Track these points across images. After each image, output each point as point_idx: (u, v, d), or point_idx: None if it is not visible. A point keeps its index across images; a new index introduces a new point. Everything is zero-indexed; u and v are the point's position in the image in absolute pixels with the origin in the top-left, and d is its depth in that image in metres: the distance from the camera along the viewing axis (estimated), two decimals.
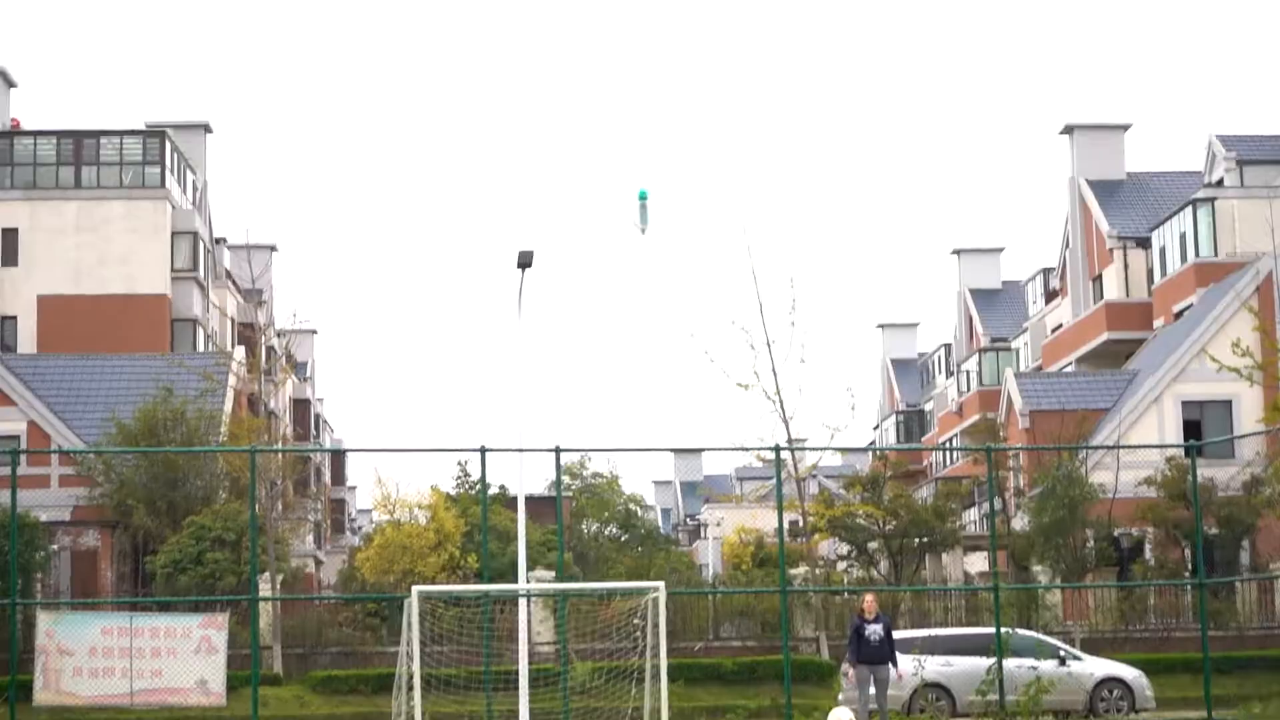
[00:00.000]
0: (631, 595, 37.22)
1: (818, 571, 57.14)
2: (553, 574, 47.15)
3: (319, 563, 78.24)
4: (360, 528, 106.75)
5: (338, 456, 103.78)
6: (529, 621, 40.25)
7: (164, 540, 53.29)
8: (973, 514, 76.72)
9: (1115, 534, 57.72)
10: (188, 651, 34.30)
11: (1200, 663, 39.79)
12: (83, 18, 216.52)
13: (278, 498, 54.15)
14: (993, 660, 36.85)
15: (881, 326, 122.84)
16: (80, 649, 33.99)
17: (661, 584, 34.69)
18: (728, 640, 52.29)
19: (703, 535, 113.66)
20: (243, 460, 52.17)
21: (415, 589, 33.26)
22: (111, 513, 56.72)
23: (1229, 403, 63.64)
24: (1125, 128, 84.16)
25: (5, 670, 42.44)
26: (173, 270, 75.74)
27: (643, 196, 11.05)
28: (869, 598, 31.79)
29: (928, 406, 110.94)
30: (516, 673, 38.29)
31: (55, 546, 55.04)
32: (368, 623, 51.98)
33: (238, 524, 51.10)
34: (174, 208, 76.60)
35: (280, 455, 56.25)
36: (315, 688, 47.74)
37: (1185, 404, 64.25)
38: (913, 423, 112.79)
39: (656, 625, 33.23)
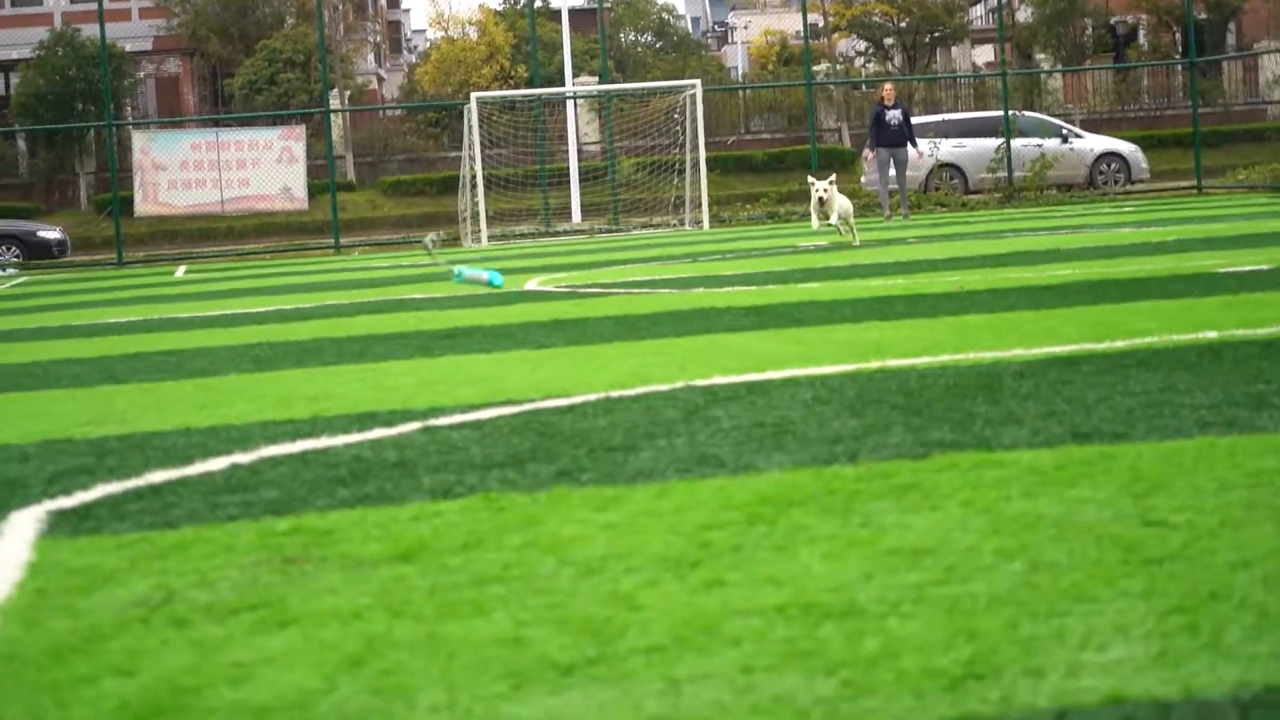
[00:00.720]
0: (669, 94, 37.04)
1: (838, 68, 56.73)
2: (596, 79, 46.92)
3: (381, 80, 77.90)
4: (416, 47, 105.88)
5: None
6: (576, 123, 40.22)
7: (239, 65, 53.08)
8: (979, 9, 75.59)
9: (1111, 21, 57.00)
10: (270, 161, 34.43)
11: (1190, 137, 39.70)
12: None
13: (340, 20, 53.62)
14: (1001, 140, 36.85)
15: None
16: (173, 164, 34.15)
17: (698, 81, 34.54)
18: (758, 134, 52.32)
19: (730, 40, 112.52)
20: None
21: (474, 95, 33.18)
22: (188, 41, 56.37)
23: None
24: None
25: (107, 188, 42.80)
26: None
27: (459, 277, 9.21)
28: (888, 86, 31.48)
29: None
30: (568, 170, 38.48)
31: (141, 74, 54.91)
32: (429, 132, 52.09)
33: (306, 45, 50.79)
34: None
35: None
36: (385, 192, 48.11)
37: None
38: None
39: (694, 120, 33.18)
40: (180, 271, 27.55)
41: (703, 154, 32.90)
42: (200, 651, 3.24)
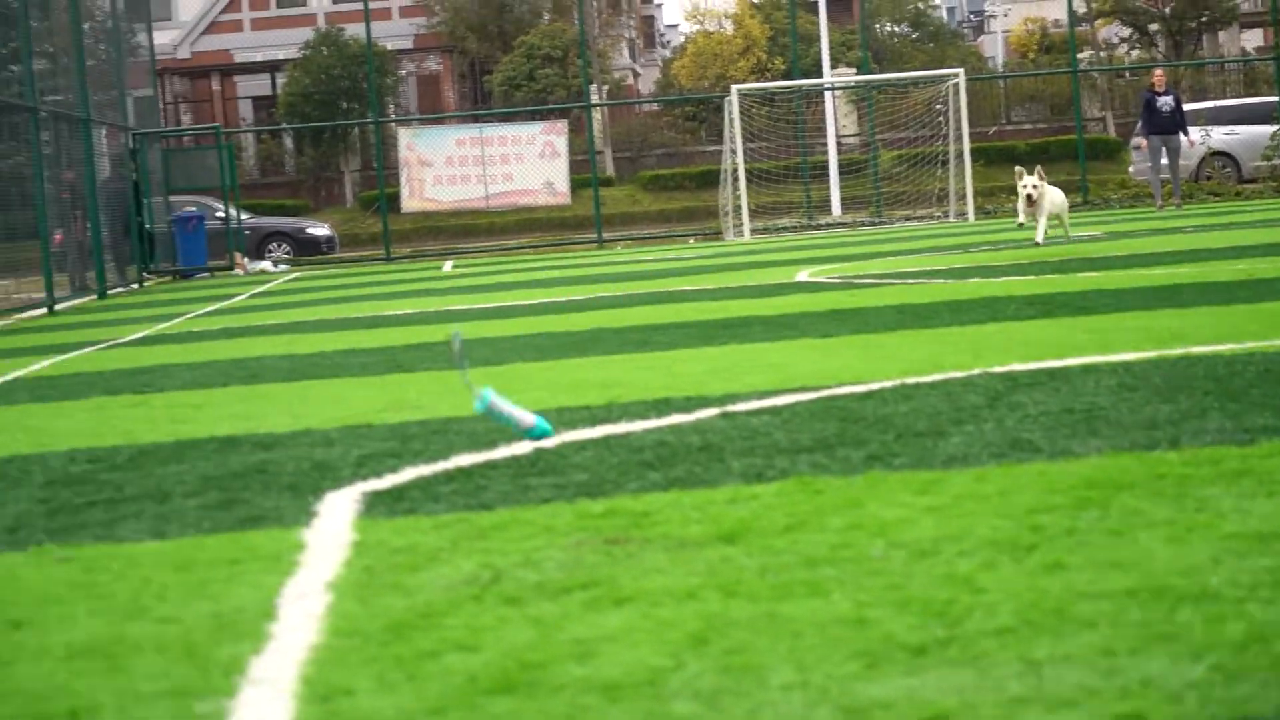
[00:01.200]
0: (930, 84, 36.68)
1: (1101, 55, 55.73)
2: (854, 70, 46.66)
3: (636, 75, 78.46)
4: (670, 41, 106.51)
5: None
6: (835, 115, 40.03)
7: (497, 61, 53.82)
8: None
9: None
10: (534, 156, 34.75)
11: None
12: None
13: (596, 16, 54.06)
14: (1276, 127, 35.80)
15: None
16: (438, 159, 34.65)
17: (961, 70, 34.15)
18: (1019, 124, 51.62)
19: (987, 29, 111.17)
20: None
21: (734, 88, 33.17)
22: (448, 39, 57.26)
23: None
24: None
25: (371, 185, 43.66)
26: None
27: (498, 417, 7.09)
28: (1158, 72, 30.74)
29: None
30: (826, 163, 38.31)
31: (402, 72, 55.92)
32: (686, 126, 52.29)
33: (563, 41, 51.34)
34: None
35: None
36: (644, 186, 48.41)
37: None
38: None
39: (958, 110, 32.80)
40: (448, 266, 28.00)
41: (966, 145, 32.51)
42: (540, 628, 3.25)
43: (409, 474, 5.28)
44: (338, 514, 4.69)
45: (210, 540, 4.47)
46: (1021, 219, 16.75)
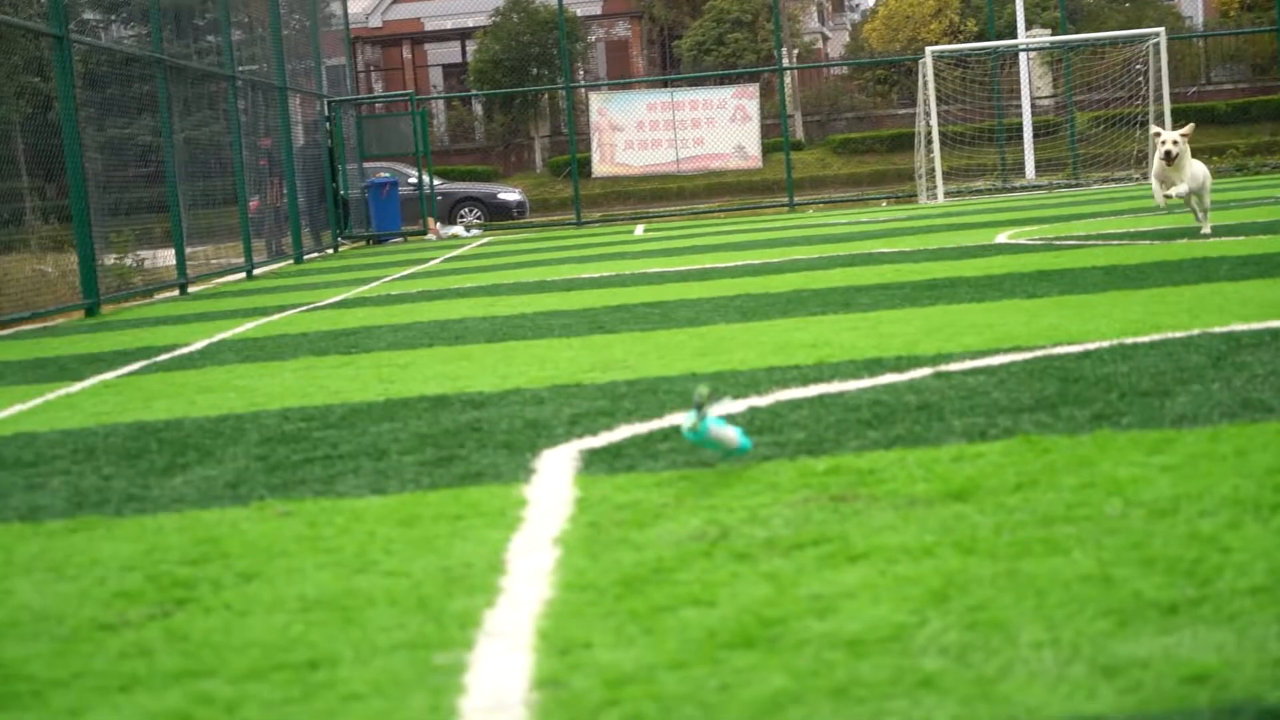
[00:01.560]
0: (1128, 44, 35.98)
1: None
2: (1049, 30, 45.96)
3: (825, 38, 77.95)
4: (858, 5, 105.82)
5: None
6: (1030, 76, 39.43)
7: (686, 26, 53.74)
8: None
9: None
10: (724, 120, 34.66)
11: None
12: None
13: None
14: None
15: None
16: (629, 124, 34.69)
17: (1161, 30, 33.44)
18: (1219, 84, 50.53)
19: None
20: None
21: (929, 49, 32.79)
22: (636, 5, 57.28)
23: None
24: None
25: (561, 150, 43.83)
26: None
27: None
28: None
29: None
30: (1019, 125, 37.78)
31: (592, 38, 56.03)
32: (877, 89, 51.86)
33: (753, 5, 51.10)
34: None
35: None
36: (835, 150, 48.09)
37: None
38: None
39: (1157, 70, 32.16)
40: (639, 230, 28.02)
41: (1167, 105, 31.85)
42: (774, 584, 3.22)
43: (624, 432, 5.27)
44: (556, 471, 4.70)
45: (431, 496, 4.49)
46: (1158, 199, 13.57)
